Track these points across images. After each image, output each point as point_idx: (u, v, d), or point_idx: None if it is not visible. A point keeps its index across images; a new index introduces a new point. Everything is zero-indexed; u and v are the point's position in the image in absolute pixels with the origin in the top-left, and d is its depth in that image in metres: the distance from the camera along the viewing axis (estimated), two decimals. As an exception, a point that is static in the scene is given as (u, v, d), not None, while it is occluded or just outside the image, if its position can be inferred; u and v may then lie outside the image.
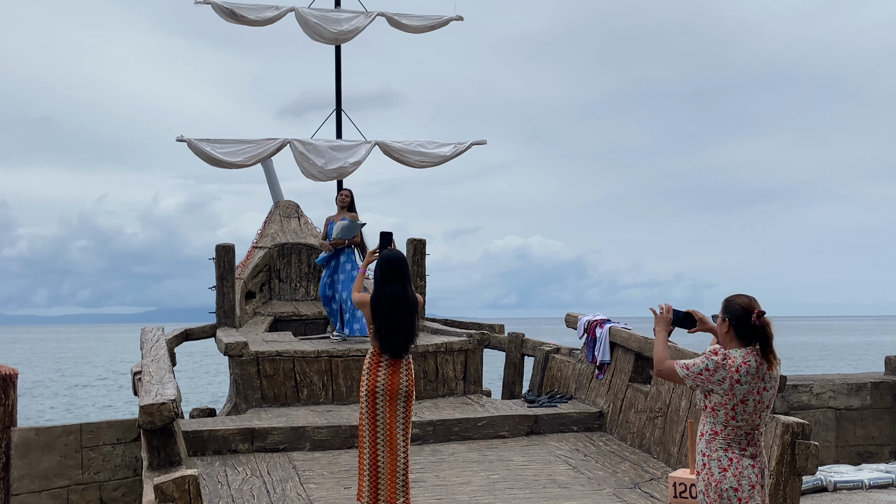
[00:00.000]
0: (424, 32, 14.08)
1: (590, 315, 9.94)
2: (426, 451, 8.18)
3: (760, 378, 4.28)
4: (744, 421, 4.29)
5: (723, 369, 4.26)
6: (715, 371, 4.28)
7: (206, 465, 7.51)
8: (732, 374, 4.24)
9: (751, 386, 4.26)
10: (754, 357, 4.29)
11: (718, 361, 4.28)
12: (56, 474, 7.66)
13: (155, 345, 8.82)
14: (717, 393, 4.29)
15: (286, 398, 9.60)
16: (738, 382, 4.24)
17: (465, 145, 13.77)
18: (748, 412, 4.28)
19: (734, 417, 4.28)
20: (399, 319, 6.02)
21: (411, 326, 6.08)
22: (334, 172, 13.03)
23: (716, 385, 4.28)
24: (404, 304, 6.05)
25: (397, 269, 6.11)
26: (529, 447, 8.39)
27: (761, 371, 4.28)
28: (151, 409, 5.52)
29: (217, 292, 12.14)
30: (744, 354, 4.29)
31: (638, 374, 8.89)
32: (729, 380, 4.25)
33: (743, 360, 4.26)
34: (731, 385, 4.24)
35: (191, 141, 12.37)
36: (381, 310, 6.03)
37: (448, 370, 10.34)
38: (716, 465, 4.31)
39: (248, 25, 13.19)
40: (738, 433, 4.31)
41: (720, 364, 4.28)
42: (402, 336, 6.05)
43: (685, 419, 7.55)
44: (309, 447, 8.16)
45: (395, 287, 6.06)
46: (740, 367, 4.24)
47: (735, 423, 4.28)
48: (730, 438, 4.31)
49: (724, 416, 4.29)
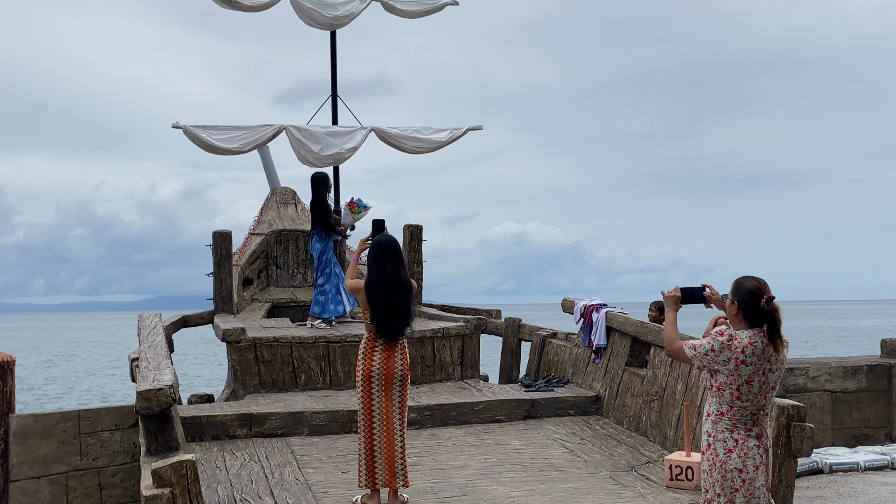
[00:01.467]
0: (419, 17, 14.02)
1: (586, 300, 9.96)
2: (424, 435, 8.21)
3: (766, 360, 4.33)
4: (749, 402, 4.34)
5: (728, 350, 4.31)
6: (720, 351, 4.33)
7: (205, 451, 7.53)
8: (738, 355, 4.29)
9: (756, 367, 4.31)
10: (761, 339, 4.33)
11: (724, 342, 4.33)
12: (55, 460, 7.68)
13: (152, 331, 8.83)
14: (722, 373, 4.35)
15: (284, 384, 9.63)
16: (742, 363, 4.29)
17: (461, 131, 13.74)
18: (753, 393, 4.33)
19: (739, 398, 4.33)
20: (393, 302, 6.04)
21: (406, 309, 6.10)
22: (330, 158, 13.00)
23: (721, 365, 4.34)
24: (398, 287, 6.07)
25: (389, 253, 6.12)
26: (526, 431, 8.42)
27: (767, 353, 4.33)
28: (149, 394, 5.54)
29: (214, 279, 12.14)
30: (750, 336, 4.33)
31: (634, 358, 8.92)
32: (734, 360, 4.30)
33: (749, 341, 4.31)
34: (737, 366, 4.30)
35: (186, 127, 12.33)
36: (375, 293, 6.05)
37: (445, 355, 10.37)
38: (721, 445, 4.36)
39: (242, 11, 13.13)
40: (743, 414, 4.35)
41: (726, 345, 4.32)
42: (397, 319, 6.06)
43: (681, 402, 7.58)
44: (307, 432, 8.19)
45: (388, 270, 6.07)
46: (746, 349, 4.29)
47: (740, 403, 4.33)
48: (735, 419, 4.35)
49: (730, 397, 4.34)
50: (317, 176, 11.31)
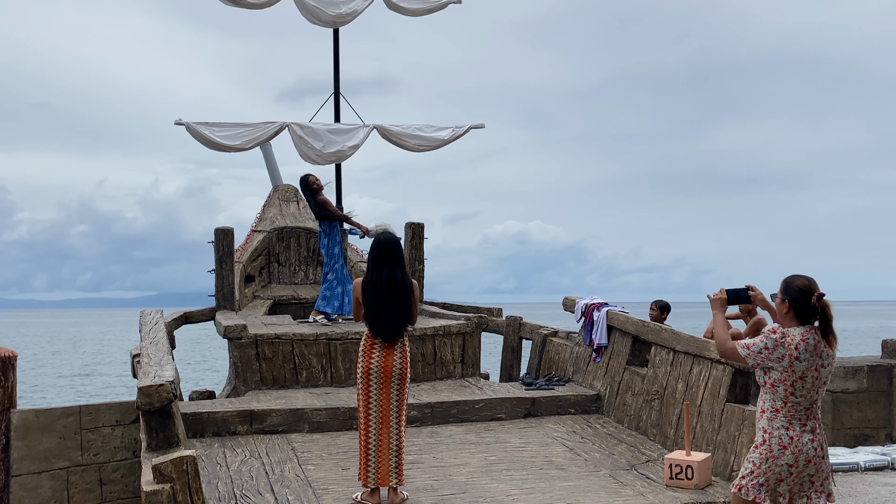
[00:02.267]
0: (422, 15, 14.04)
1: (587, 299, 9.96)
2: (424, 432, 8.23)
3: (818, 355, 4.50)
4: (802, 397, 4.50)
5: (782, 347, 4.47)
6: (774, 349, 4.48)
7: (205, 447, 7.55)
8: (791, 352, 4.45)
9: (809, 363, 4.47)
10: (812, 335, 4.50)
11: (777, 339, 4.49)
12: (56, 456, 7.69)
13: (154, 327, 8.85)
14: (776, 370, 4.50)
15: (285, 381, 9.64)
16: (797, 360, 4.45)
17: (463, 129, 13.76)
18: (806, 388, 4.49)
19: (793, 393, 4.49)
20: (384, 304, 6.04)
21: (400, 310, 6.08)
22: (333, 156, 13.03)
23: (775, 362, 4.48)
24: (392, 288, 6.07)
25: (387, 254, 6.13)
26: (526, 429, 8.43)
27: (819, 349, 4.50)
28: (150, 390, 5.55)
29: (216, 276, 12.16)
30: (802, 332, 4.49)
31: (635, 358, 8.93)
32: (788, 357, 4.46)
33: (802, 337, 4.47)
34: (791, 362, 4.46)
35: (189, 124, 12.36)
36: (368, 294, 6.08)
37: (446, 353, 10.38)
38: (776, 442, 4.51)
39: (245, 8, 13.15)
40: (797, 409, 4.51)
41: (779, 342, 4.48)
42: (390, 320, 6.06)
43: (681, 402, 7.59)
44: (307, 429, 8.20)
45: (383, 272, 6.09)
46: (799, 345, 4.46)
47: (794, 398, 4.49)
48: (790, 415, 4.51)
49: (784, 392, 4.50)
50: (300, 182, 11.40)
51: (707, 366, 7.51)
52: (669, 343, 8.15)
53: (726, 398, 7.14)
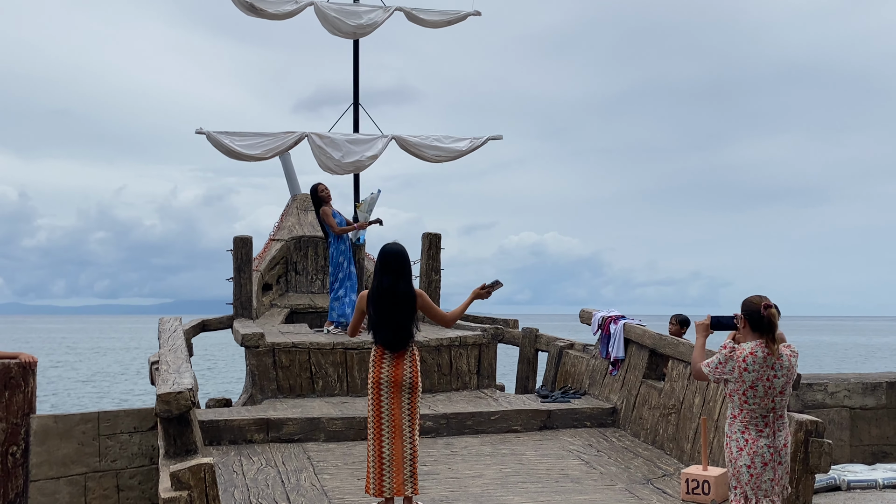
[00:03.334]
0: (442, 27, 14.08)
1: (604, 311, 9.94)
2: (439, 443, 8.23)
3: (769, 367, 4.95)
4: (756, 404, 4.97)
5: (731, 360, 5.00)
6: (726, 363, 5.03)
7: (222, 455, 7.59)
8: (739, 364, 4.96)
9: (759, 374, 4.94)
10: (761, 348, 4.96)
11: (727, 354, 5.05)
12: (74, 461, 7.75)
13: (172, 335, 8.90)
14: (730, 381, 5.03)
15: (301, 389, 9.67)
16: (745, 371, 4.94)
17: (481, 140, 13.77)
18: (759, 396, 4.96)
19: (746, 402, 4.98)
20: (385, 314, 6.02)
21: (400, 320, 6.03)
22: (351, 166, 13.07)
23: (728, 374, 5.02)
24: (393, 298, 6.02)
25: (390, 264, 6.08)
26: (542, 442, 8.42)
27: (769, 361, 4.96)
28: (168, 397, 5.59)
29: (234, 284, 12.23)
30: (752, 346, 4.98)
31: (652, 371, 8.90)
32: (737, 369, 4.97)
33: (750, 351, 4.96)
34: (740, 374, 4.96)
35: (210, 133, 12.44)
36: (373, 304, 6.08)
37: (462, 364, 10.38)
38: (734, 444, 5.05)
39: (267, 19, 13.24)
40: (752, 415, 4.99)
41: (728, 356, 5.03)
42: (389, 329, 6.03)
43: (698, 416, 7.56)
44: (323, 438, 8.23)
45: (385, 281, 6.06)
46: (747, 358, 4.95)
47: (748, 406, 4.98)
48: (746, 421, 5.01)
49: (739, 401, 5.01)
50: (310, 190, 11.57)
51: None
52: (687, 357, 8.12)
53: (744, 413, 7.10)
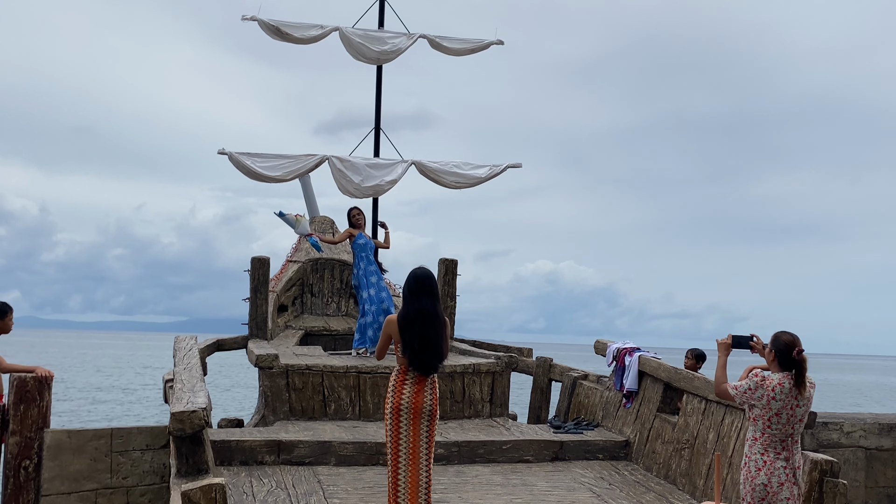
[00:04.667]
0: (465, 55, 14.19)
1: (619, 343, 9.90)
2: (450, 471, 8.19)
3: (794, 398, 5.44)
4: (777, 430, 5.43)
5: (761, 388, 5.45)
6: (756, 389, 5.47)
7: (233, 476, 7.58)
8: (769, 392, 5.42)
9: (784, 403, 5.41)
10: (788, 381, 5.45)
11: (758, 382, 5.48)
12: (85, 477, 7.77)
13: (187, 353, 8.94)
14: (757, 407, 5.47)
15: (314, 412, 9.67)
16: (773, 399, 5.42)
17: (500, 168, 13.81)
18: (782, 423, 5.43)
19: (769, 426, 5.44)
20: (428, 337, 6.02)
21: (439, 345, 6.09)
22: (370, 190, 13.14)
23: (755, 400, 5.47)
24: (434, 321, 6.06)
25: (427, 287, 6.10)
26: (554, 473, 8.36)
27: (793, 392, 5.45)
28: (182, 416, 5.61)
29: (250, 304, 12.27)
30: (780, 378, 5.46)
31: (666, 405, 8.84)
32: (766, 397, 5.43)
33: (778, 381, 5.44)
34: (768, 401, 5.42)
35: (232, 154, 12.55)
36: (412, 327, 6.03)
37: (475, 392, 10.35)
38: (753, 464, 5.47)
39: (292, 43, 13.40)
40: (773, 439, 5.44)
41: (759, 384, 5.47)
42: (431, 354, 6.05)
43: (712, 452, 7.49)
44: (334, 462, 8.21)
45: (425, 303, 6.05)
46: (775, 388, 5.42)
47: (770, 430, 5.44)
48: (766, 444, 5.45)
49: (762, 425, 5.46)
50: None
51: (739, 416, 7.42)
52: (702, 392, 8.07)
53: (758, 450, 7.04)
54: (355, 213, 11.78)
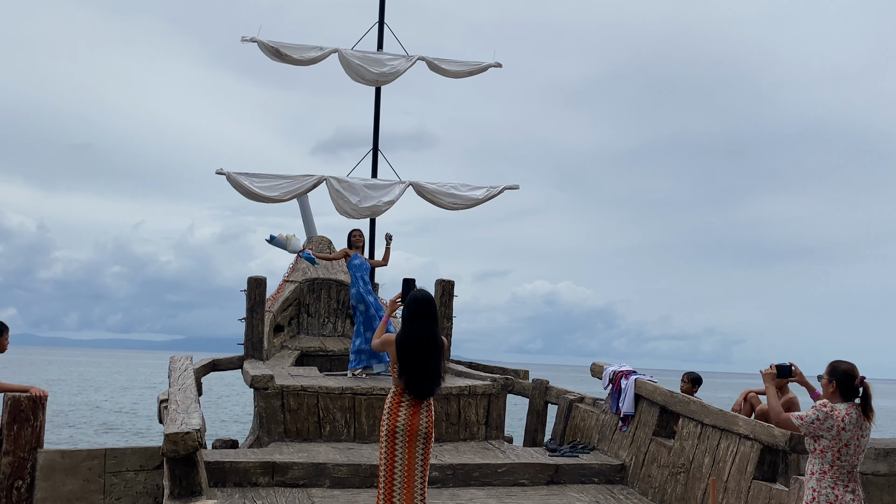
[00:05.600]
0: (463, 77, 14.27)
1: (616, 366, 9.89)
2: (445, 494, 8.15)
3: (860, 427, 5.41)
4: (846, 461, 5.38)
5: (831, 419, 5.37)
6: (825, 420, 5.37)
7: (226, 497, 7.54)
8: (839, 423, 5.35)
9: (852, 433, 5.37)
10: (855, 410, 5.42)
11: (827, 412, 5.39)
12: (78, 498, 7.72)
13: (183, 374, 8.91)
14: (825, 438, 5.38)
15: (308, 433, 9.62)
16: (843, 430, 5.35)
17: (497, 189, 13.85)
18: (850, 454, 5.38)
19: (839, 458, 5.37)
20: (425, 361, 6.03)
21: (437, 369, 6.09)
22: (368, 210, 13.17)
23: (825, 432, 5.37)
24: (432, 345, 6.07)
25: (427, 311, 6.12)
26: (549, 497, 8.32)
27: (860, 422, 5.41)
28: (176, 437, 5.59)
29: (246, 324, 12.25)
30: (846, 408, 5.41)
31: (662, 429, 8.82)
32: (836, 427, 5.35)
33: (846, 412, 5.40)
34: (838, 432, 5.35)
35: (230, 174, 12.58)
36: (410, 350, 6.04)
37: (470, 414, 10.31)
38: (824, 499, 5.36)
39: (291, 64, 13.46)
40: (841, 472, 5.38)
41: (829, 414, 5.38)
42: (428, 378, 6.06)
43: (708, 476, 7.47)
44: (328, 484, 8.17)
45: (423, 328, 6.07)
46: (845, 418, 5.36)
47: (839, 462, 5.37)
48: (836, 477, 5.37)
49: (831, 457, 5.37)
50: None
51: (735, 441, 7.41)
52: (698, 416, 8.06)
53: (753, 475, 7.02)
54: (356, 235, 11.85)
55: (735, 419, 7.53)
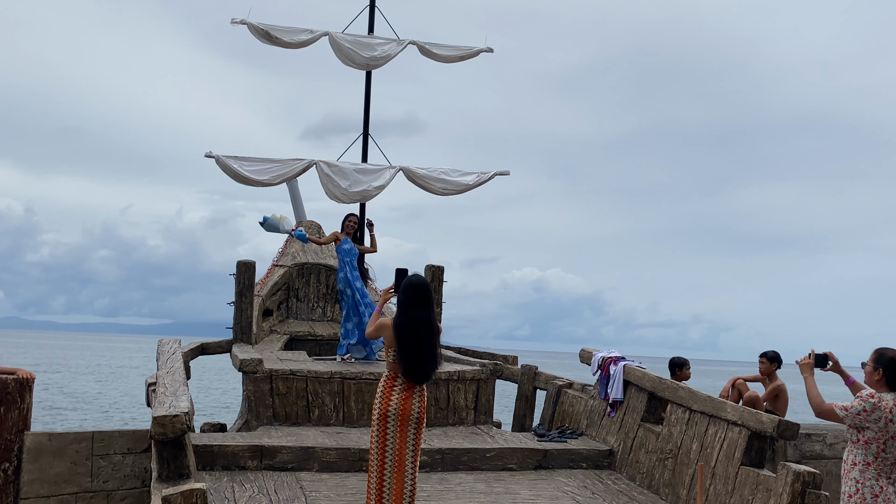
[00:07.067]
0: (454, 62, 14.19)
1: (605, 352, 9.91)
2: (433, 479, 8.17)
3: None
4: (891, 453, 5.23)
5: (878, 410, 5.20)
6: (872, 411, 5.20)
7: (214, 480, 7.53)
8: (886, 414, 5.19)
9: None
10: None
11: (875, 403, 5.22)
12: (65, 480, 7.70)
13: (171, 357, 8.88)
14: (871, 429, 5.22)
15: (297, 417, 9.62)
16: (891, 421, 5.19)
17: (488, 175, 13.80)
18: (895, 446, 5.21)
19: (884, 450, 5.22)
20: (423, 345, 6.03)
21: (435, 353, 6.09)
22: (358, 195, 13.11)
23: (872, 423, 5.20)
24: (430, 330, 6.07)
25: (424, 296, 6.12)
26: (537, 482, 8.35)
27: None
28: (164, 420, 5.57)
29: (235, 308, 12.21)
30: (894, 398, 5.23)
31: (650, 414, 8.85)
32: (884, 419, 5.19)
33: (894, 402, 5.21)
34: (886, 423, 5.19)
35: (219, 157, 12.49)
36: (407, 335, 6.03)
37: (460, 399, 10.33)
38: (868, 491, 5.23)
39: (281, 47, 13.35)
40: (885, 463, 5.23)
41: (876, 405, 5.21)
42: (426, 363, 6.06)
43: (695, 462, 7.50)
44: (317, 468, 8.17)
45: (420, 313, 6.07)
46: (893, 409, 5.19)
47: (884, 454, 5.22)
48: (880, 468, 5.23)
49: (876, 449, 5.22)
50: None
51: (723, 427, 7.44)
52: (686, 402, 8.08)
53: (741, 461, 7.06)
54: (351, 220, 11.92)
55: (723, 405, 7.56)
